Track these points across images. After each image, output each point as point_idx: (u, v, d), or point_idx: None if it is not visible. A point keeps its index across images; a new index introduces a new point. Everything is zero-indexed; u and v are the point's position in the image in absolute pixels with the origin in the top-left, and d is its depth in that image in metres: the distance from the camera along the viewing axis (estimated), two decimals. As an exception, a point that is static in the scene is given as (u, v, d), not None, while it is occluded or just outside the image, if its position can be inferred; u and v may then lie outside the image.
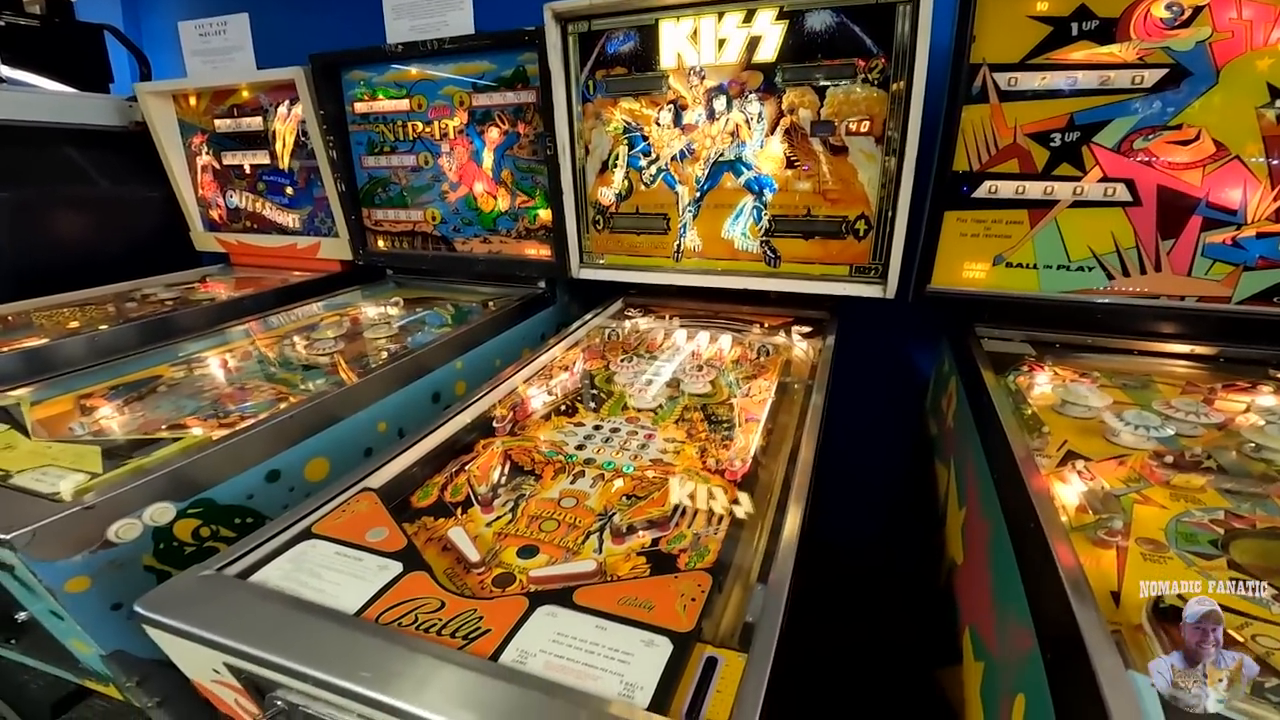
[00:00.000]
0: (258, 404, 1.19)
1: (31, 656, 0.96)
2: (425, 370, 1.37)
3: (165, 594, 0.60)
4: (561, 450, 1.00)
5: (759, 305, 1.61)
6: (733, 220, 1.49)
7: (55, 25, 2.20)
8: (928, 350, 1.69)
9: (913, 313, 1.47)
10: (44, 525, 0.71)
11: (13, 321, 1.74)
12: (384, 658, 0.53)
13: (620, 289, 1.83)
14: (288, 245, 2.22)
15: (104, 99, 2.24)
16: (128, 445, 0.97)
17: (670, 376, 1.27)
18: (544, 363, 1.32)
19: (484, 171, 1.84)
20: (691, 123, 1.45)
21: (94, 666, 0.86)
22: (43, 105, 2.06)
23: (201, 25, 2.03)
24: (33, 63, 2.14)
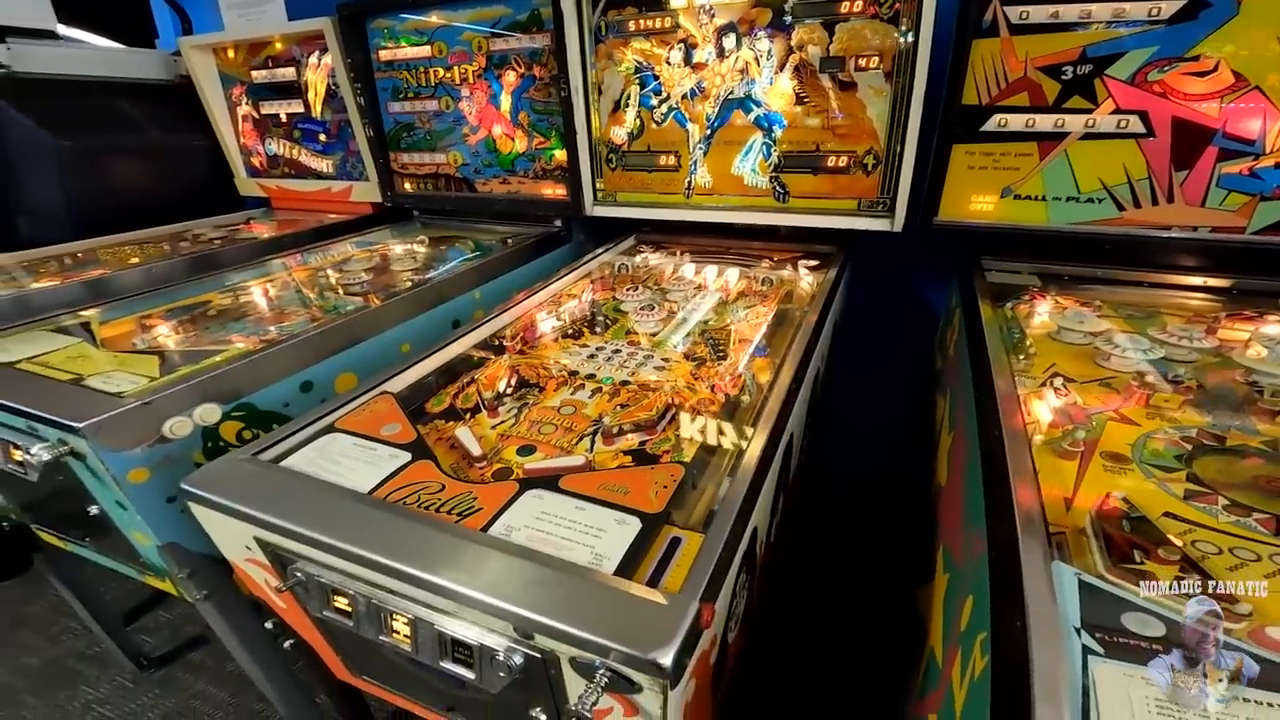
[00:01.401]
0: (293, 325, 1.25)
1: (102, 554, 1.07)
2: (445, 298, 1.42)
3: (207, 474, 0.67)
4: (565, 366, 1.04)
5: (769, 241, 1.61)
6: (742, 157, 1.46)
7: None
8: (940, 288, 1.66)
9: (924, 249, 1.45)
10: (109, 417, 0.78)
11: (81, 258, 1.85)
12: (388, 529, 0.58)
13: (633, 226, 1.82)
14: (323, 189, 2.27)
15: (150, 53, 2.29)
16: (181, 357, 1.05)
17: (666, 299, 1.29)
18: (554, 291, 1.35)
19: (502, 114, 1.83)
20: (701, 61, 1.42)
21: (152, 559, 0.95)
22: (96, 60, 2.13)
23: (235, -24, 2.04)
24: (83, 19, 2.18)
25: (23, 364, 1.01)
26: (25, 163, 1.96)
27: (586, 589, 0.50)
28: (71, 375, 0.95)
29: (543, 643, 0.49)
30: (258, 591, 0.76)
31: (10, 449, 0.89)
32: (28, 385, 0.91)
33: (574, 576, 0.51)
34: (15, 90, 1.93)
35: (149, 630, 1.68)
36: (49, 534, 1.14)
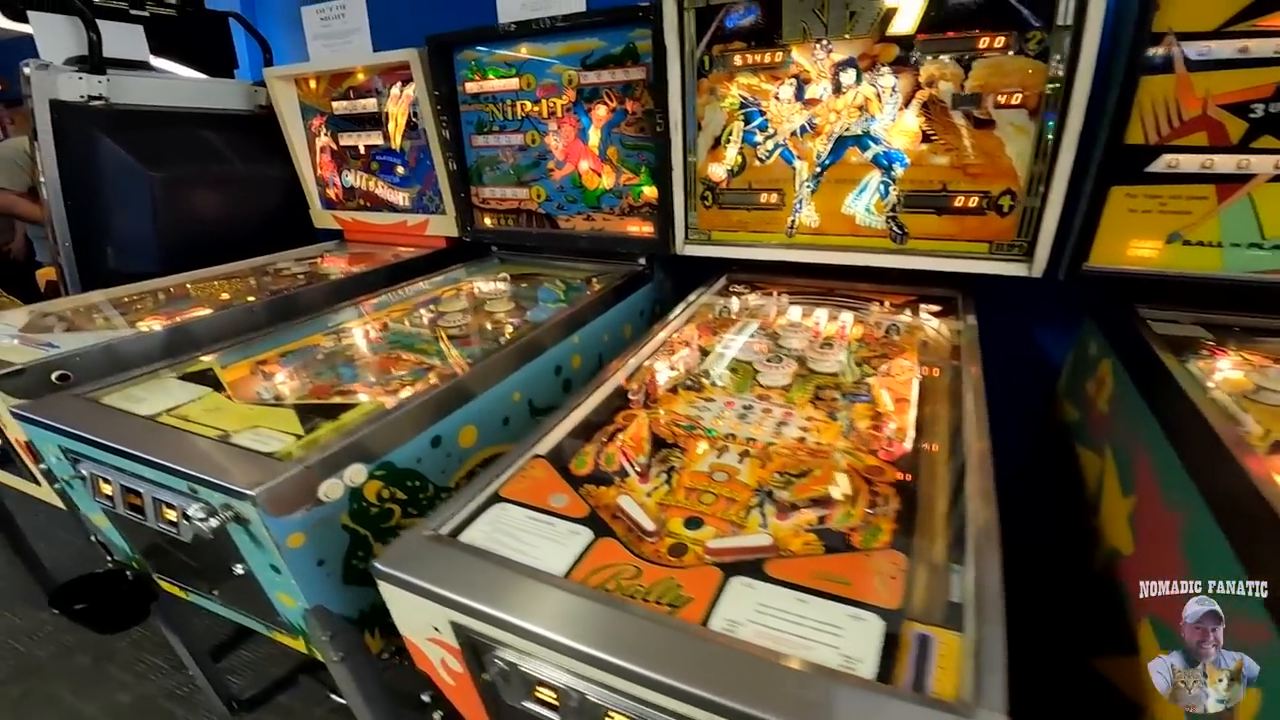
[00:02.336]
0: (406, 373, 1.29)
1: (229, 607, 1.10)
2: (549, 345, 1.44)
3: (397, 553, 0.68)
4: (698, 424, 1.04)
5: (874, 282, 1.59)
6: (855, 196, 1.46)
7: (189, 13, 2.36)
8: (1057, 330, 1.62)
9: (1044, 293, 1.42)
10: (278, 483, 0.81)
11: (173, 293, 1.94)
12: (607, 621, 0.58)
13: (721, 265, 1.83)
14: (398, 222, 2.34)
15: (234, 84, 2.41)
16: (312, 409, 1.08)
17: (795, 354, 1.28)
18: (663, 338, 1.36)
19: (590, 149, 1.87)
20: (815, 97, 1.43)
21: (292, 620, 0.98)
22: (184, 91, 2.25)
23: (322, 9, 2.13)
24: (170, 50, 2.31)
25: (164, 417, 1.05)
26: (119, 194, 2.07)
27: (868, 701, 0.49)
28: (217, 431, 0.99)
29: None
30: (425, 666, 0.77)
31: (163, 508, 0.92)
32: (179, 443, 0.95)
33: (844, 685, 0.50)
34: (113, 122, 2.05)
35: (234, 671, 1.73)
36: (171, 584, 1.18)
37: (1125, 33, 1.04)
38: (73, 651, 1.82)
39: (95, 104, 2.02)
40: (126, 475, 0.95)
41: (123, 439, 0.94)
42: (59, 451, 1.06)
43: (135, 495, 0.95)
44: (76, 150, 2.01)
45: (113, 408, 1.08)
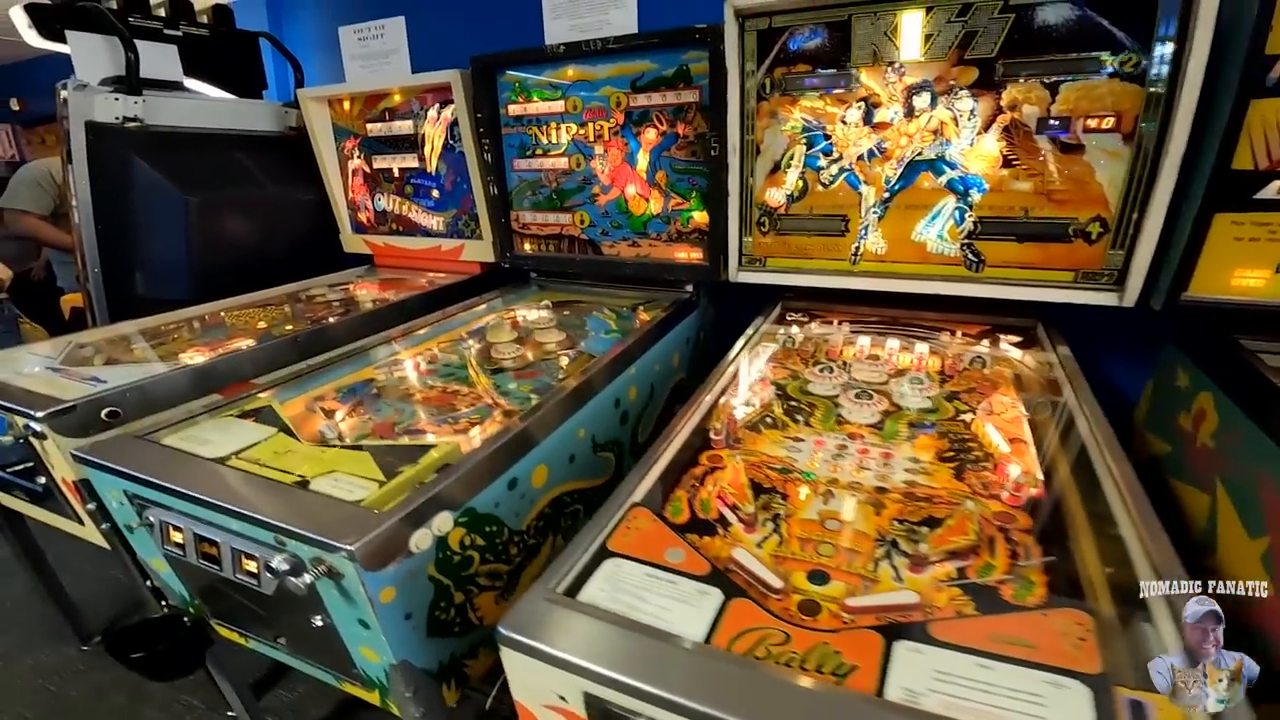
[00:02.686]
0: (474, 410, 1.26)
1: (298, 657, 1.06)
2: (609, 380, 1.42)
3: (523, 616, 0.65)
4: (793, 466, 1.01)
5: (939, 310, 1.57)
6: (927, 222, 1.45)
7: (221, 33, 2.38)
8: (1133, 360, 1.60)
9: (1120, 321, 1.40)
10: (375, 536, 0.78)
11: (208, 321, 1.92)
12: (767, 691, 0.55)
13: (768, 292, 1.81)
14: (432, 247, 2.33)
15: (265, 105, 2.42)
16: (386, 451, 1.06)
17: (876, 388, 1.26)
18: (733, 372, 1.34)
19: (637, 174, 1.87)
20: (885, 120, 1.42)
21: (372, 674, 0.94)
22: (216, 112, 2.26)
23: (360, 30, 2.16)
24: (201, 70, 2.33)
25: (235, 460, 1.03)
26: (152, 217, 2.06)
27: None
28: (293, 477, 0.97)
29: None
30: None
31: (242, 559, 0.90)
32: (258, 490, 0.92)
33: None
34: (147, 144, 2.05)
35: (274, 711, 1.69)
36: (231, 630, 1.14)
37: (1234, 54, 1.03)
38: (107, 691, 1.78)
39: (130, 125, 2.03)
40: (201, 524, 0.93)
41: (200, 486, 0.92)
42: (122, 496, 1.03)
43: (210, 544, 0.92)
44: (110, 173, 2.02)
45: (180, 450, 1.05)
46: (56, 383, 1.38)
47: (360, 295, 2.17)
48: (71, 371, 1.45)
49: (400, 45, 2.11)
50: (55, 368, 1.49)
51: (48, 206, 2.83)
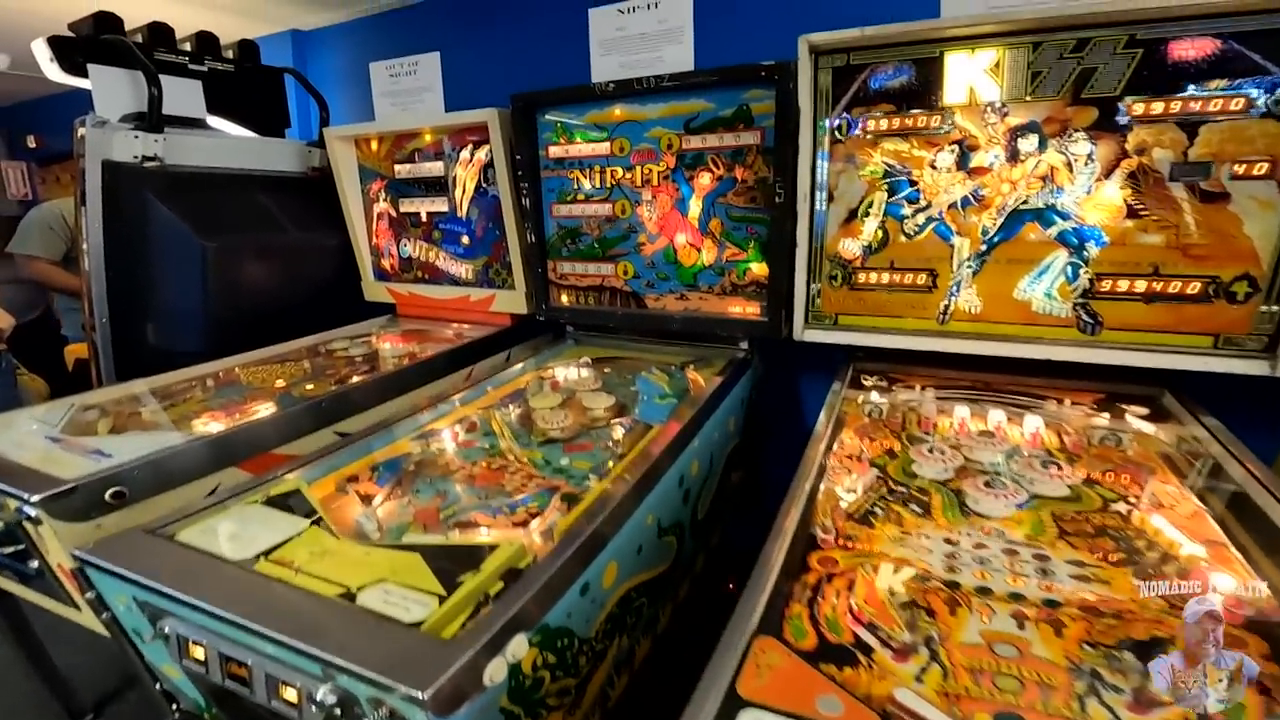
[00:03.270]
0: (533, 496, 1.14)
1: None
2: (675, 455, 1.30)
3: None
4: (930, 574, 0.88)
5: (1039, 375, 1.45)
6: (1033, 278, 1.34)
7: (247, 69, 2.36)
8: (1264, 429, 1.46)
9: (1248, 388, 1.27)
10: (449, 677, 0.65)
11: (222, 379, 1.83)
12: None
13: (831, 351, 1.70)
14: (460, 297, 2.25)
15: (288, 144, 2.38)
16: (440, 552, 0.94)
17: (992, 468, 1.13)
18: (823, 450, 1.21)
19: (688, 221, 1.79)
20: (983, 165, 1.33)
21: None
22: (239, 151, 2.22)
23: (393, 66, 2.12)
24: (223, 107, 2.30)
25: (265, 564, 0.91)
26: (168, 264, 2.00)
27: None
28: (337, 588, 0.85)
29: None
30: None
31: (279, 686, 0.77)
32: (298, 607, 0.80)
33: None
34: (166, 185, 1.99)
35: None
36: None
37: None
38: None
39: (149, 165, 1.98)
40: (229, 642, 0.81)
41: (227, 600, 0.80)
42: (131, 601, 0.92)
43: (239, 665, 0.80)
44: (125, 215, 1.95)
45: (199, 550, 0.94)
46: (55, 456, 1.28)
47: (384, 349, 2.09)
48: (73, 443, 1.35)
49: (434, 82, 2.08)
50: (55, 437, 1.39)
51: (59, 250, 2.80)
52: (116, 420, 1.53)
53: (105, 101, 1.98)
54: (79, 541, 1.09)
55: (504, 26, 2.13)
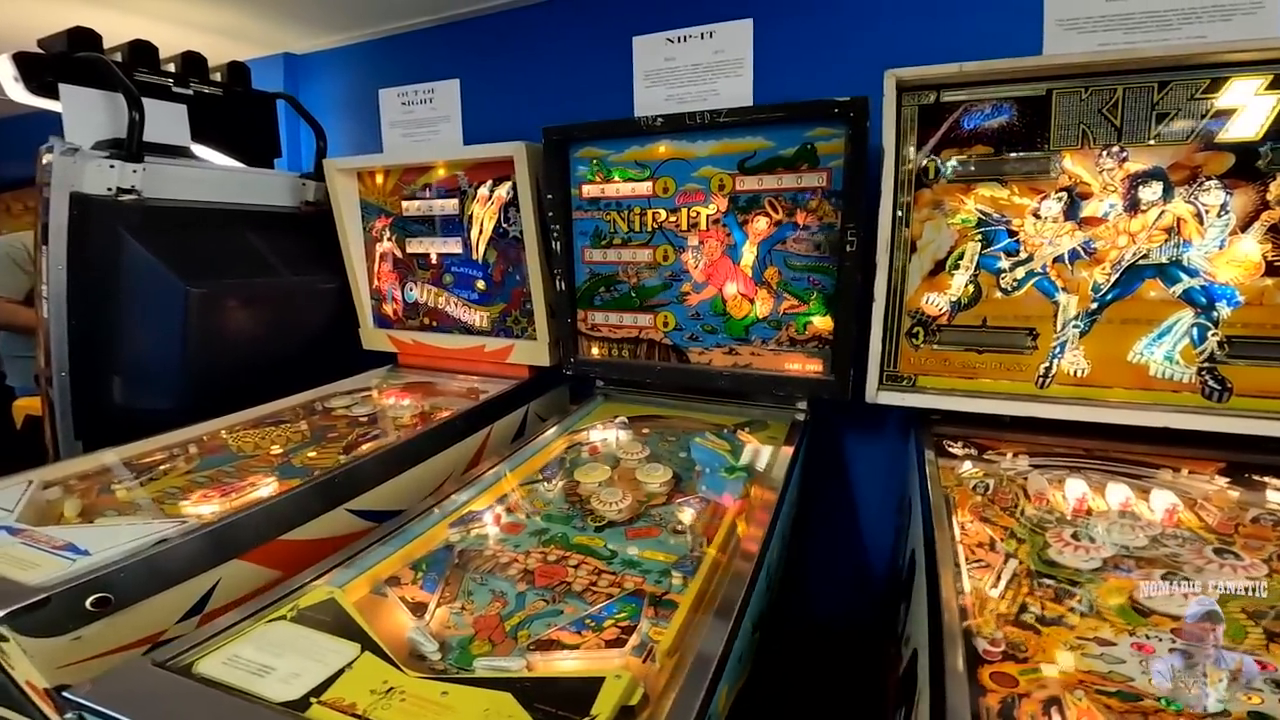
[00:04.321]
0: (617, 602, 1.01)
1: None
2: (767, 546, 1.18)
3: None
4: (1144, 694, 0.76)
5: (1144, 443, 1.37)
6: (1152, 340, 1.27)
7: (236, 94, 2.23)
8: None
9: None
10: None
11: (207, 444, 1.66)
12: None
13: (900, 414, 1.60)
14: (473, 347, 2.12)
15: (280, 176, 2.25)
16: (528, 686, 0.79)
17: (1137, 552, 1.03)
18: (950, 540, 1.10)
19: (740, 270, 1.70)
20: (1096, 215, 1.27)
21: None
22: (225, 184, 2.07)
23: (405, 93, 2.01)
24: (209, 134, 2.16)
25: (320, 713, 0.75)
26: (143, 311, 1.84)
27: None
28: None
29: None
30: None
31: None
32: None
33: None
34: (144, 221, 1.84)
35: None
36: None
37: None
38: None
39: (125, 198, 1.83)
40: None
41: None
42: None
43: None
44: (94, 255, 1.79)
45: (228, 688, 0.78)
46: (17, 554, 1.10)
47: (390, 407, 1.93)
48: (37, 536, 1.16)
49: (452, 112, 1.98)
50: (12, 527, 1.21)
51: (22, 288, 2.58)
52: (88, 503, 1.34)
53: (77, 126, 1.83)
54: (54, 659, 0.95)
55: (530, 53, 2.05)
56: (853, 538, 2.02)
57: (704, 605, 1.00)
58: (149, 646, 1.09)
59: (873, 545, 2.06)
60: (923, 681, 0.94)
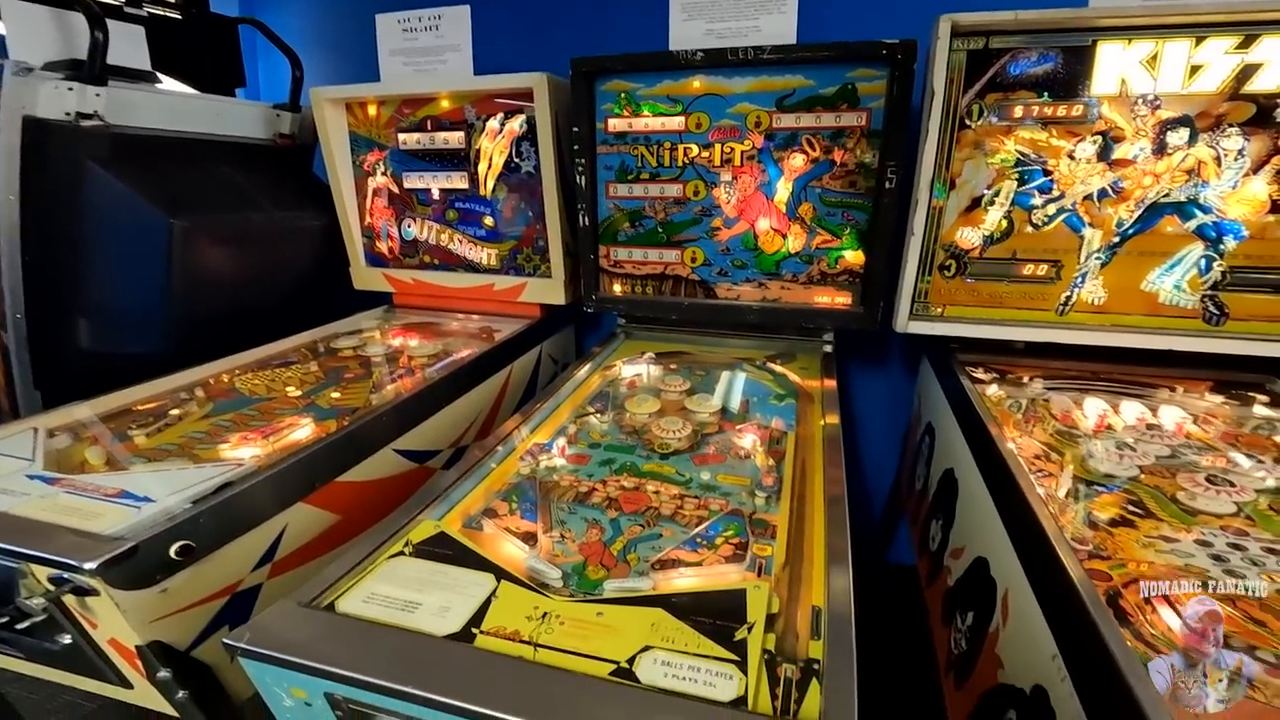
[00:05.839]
0: (717, 520, 1.03)
1: None
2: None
3: None
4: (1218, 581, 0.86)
5: (1139, 364, 1.51)
6: (1164, 270, 1.39)
7: (193, 17, 1.99)
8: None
9: None
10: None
11: (213, 389, 1.54)
12: None
13: (917, 343, 1.68)
14: (481, 285, 2.04)
15: (253, 106, 2.04)
16: (678, 603, 0.80)
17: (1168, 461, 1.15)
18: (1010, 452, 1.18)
19: (774, 205, 1.71)
20: (1126, 158, 1.35)
21: None
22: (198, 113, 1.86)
23: (406, 19, 1.86)
24: (167, 61, 1.93)
25: (488, 642, 0.73)
26: (117, 248, 1.65)
27: None
28: (603, 665, 0.70)
29: None
30: None
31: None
32: (579, 696, 0.65)
33: None
34: (113, 150, 1.64)
35: None
36: None
37: None
38: None
39: (87, 124, 1.61)
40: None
41: (491, 697, 0.64)
42: (319, 697, 0.72)
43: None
44: (52, 185, 1.59)
45: (391, 626, 0.75)
46: (70, 504, 1.00)
47: (403, 349, 1.84)
48: (81, 484, 1.06)
49: (462, 41, 1.83)
50: (46, 476, 1.09)
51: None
52: (112, 452, 1.23)
53: (22, 44, 1.60)
54: (145, 613, 0.88)
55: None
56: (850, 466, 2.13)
57: (797, 524, 1.03)
58: (229, 597, 1.04)
59: (871, 473, 2.18)
60: (1006, 581, 1.03)
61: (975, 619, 1.12)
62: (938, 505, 1.49)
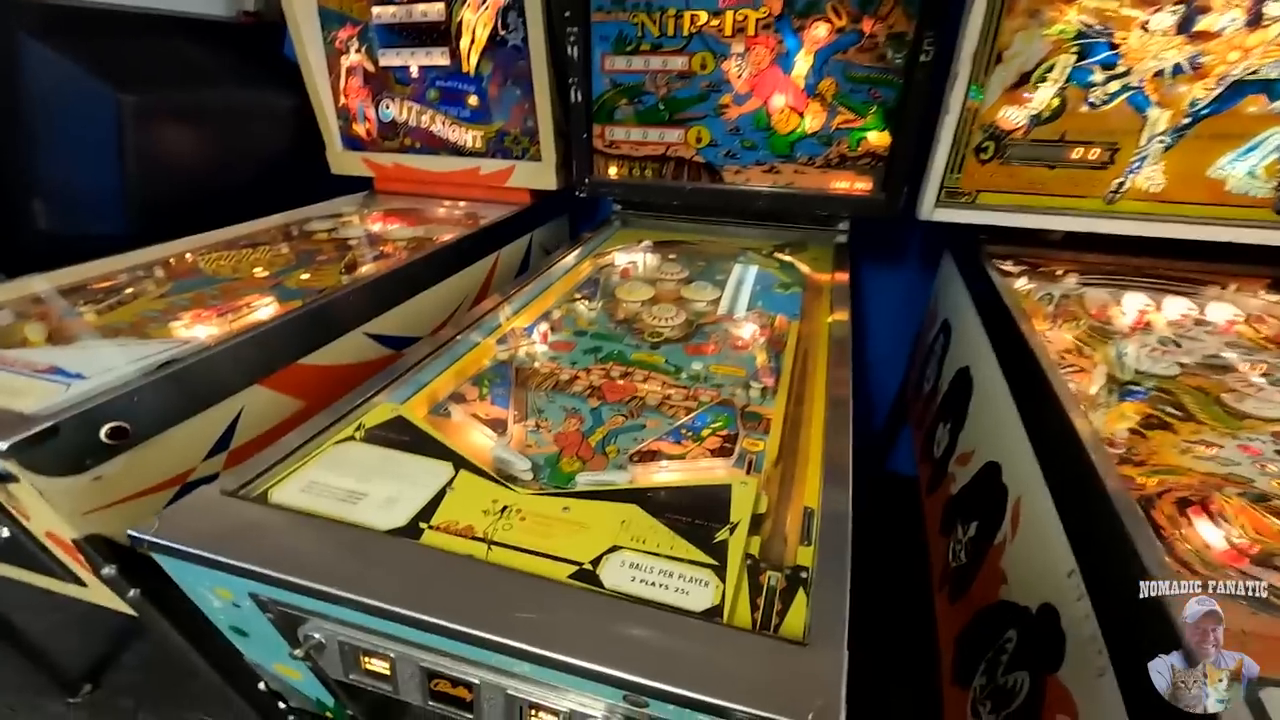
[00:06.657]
0: (710, 412, 0.92)
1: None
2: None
3: None
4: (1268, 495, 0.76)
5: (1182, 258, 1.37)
6: (1238, 156, 1.21)
7: None
8: None
9: None
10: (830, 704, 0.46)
11: (175, 268, 1.43)
12: None
13: (944, 232, 1.52)
14: (467, 169, 1.87)
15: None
16: (652, 498, 0.71)
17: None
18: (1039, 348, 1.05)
19: (791, 80, 1.51)
20: (1211, 30, 1.14)
21: None
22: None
23: None
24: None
25: (435, 538, 0.65)
26: (64, 127, 1.51)
27: None
28: (563, 565, 0.61)
29: None
30: None
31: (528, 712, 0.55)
32: (528, 599, 0.57)
33: None
34: (51, 22, 1.48)
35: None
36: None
37: None
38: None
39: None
40: (432, 653, 0.57)
41: (426, 602, 0.55)
42: (245, 597, 0.64)
43: (461, 687, 0.57)
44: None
45: (325, 518, 0.66)
46: None
47: (379, 232, 1.71)
48: (8, 358, 0.96)
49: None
50: (-25, 347, 0.99)
51: None
52: (56, 325, 1.12)
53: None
54: (76, 503, 0.80)
55: None
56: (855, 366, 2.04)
57: (790, 418, 0.93)
58: (179, 487, 0.95)
59: (875, 376, 2.08)
60: (1020, 488, 0.93)
61: (979, 529, 1.04)
62: (947, 407, 1.39)
